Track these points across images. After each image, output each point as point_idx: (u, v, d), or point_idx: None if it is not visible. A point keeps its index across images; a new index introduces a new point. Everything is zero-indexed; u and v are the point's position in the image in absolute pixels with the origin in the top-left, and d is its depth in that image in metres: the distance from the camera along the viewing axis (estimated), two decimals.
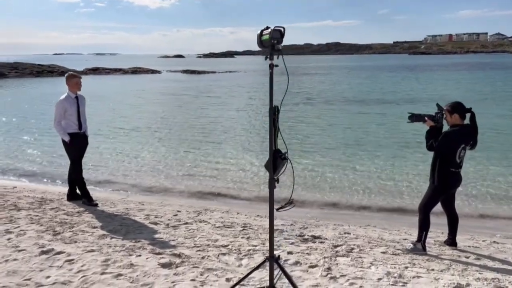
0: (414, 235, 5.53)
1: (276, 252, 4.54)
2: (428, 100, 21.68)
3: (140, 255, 4.38)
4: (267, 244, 4.85)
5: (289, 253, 4.56)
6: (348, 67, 73.94)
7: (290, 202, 3.48)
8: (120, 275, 3.87)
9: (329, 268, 4.12)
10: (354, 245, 4.93)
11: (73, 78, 6.48)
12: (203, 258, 4.35)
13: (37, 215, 5.81)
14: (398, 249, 4.79)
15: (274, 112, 3.14)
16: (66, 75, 6.62)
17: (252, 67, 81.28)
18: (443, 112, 4.58)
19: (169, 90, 31.77)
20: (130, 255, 4.39)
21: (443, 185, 4.55)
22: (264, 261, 3.44)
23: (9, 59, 61.81)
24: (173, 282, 3.75)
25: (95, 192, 7.76)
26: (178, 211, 6.43)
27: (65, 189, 7.92)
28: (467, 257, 4.59)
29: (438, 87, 30.55)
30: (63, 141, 6.46)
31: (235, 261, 4.28)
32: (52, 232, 5.06)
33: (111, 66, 61.48)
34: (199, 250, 4.56)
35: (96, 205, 6.57)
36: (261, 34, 3.07)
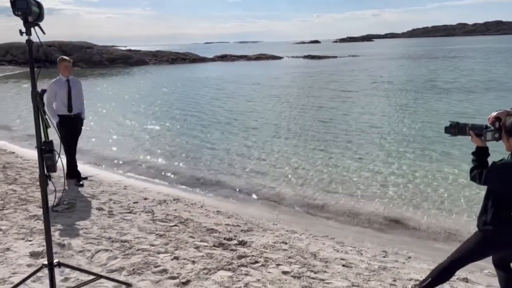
0: (379, 256, 4.46)
1: (162, 256, 4.10)
2: None
3: (30, 241, 4.35)
4: (171, 244, 4.42)
5: (175, 258, 4.02)
6: (498, 49, 63.41)
7: (69, 203, 3.03)
8: None
9: (185, 283, 3.50)
10: (267, 258, 4.13)
11: (62, 62, 6.74)
12: (80, 251, 4.11)
13: (14, 191, 6.26)
14: (313, 271, 3.85)
15: (35, 97, 2.70)
16: (58, 59, 6.94)
17: (382, 51, 76.42)
18: (498, 126, 2.79)
19: (250, 78, 29.96)
20: (23, 239, 4.39)
21: (498, 239, 2.88)
22: (40, 268, 3.04)
23: (165, 47, 68.78)
24: (14, 273, 3.60)
25: (98, 170, 8.11)
26: (145, 199, 6.26)
27: (91, 169, 8.52)
28: None
29: None
30: (56, 123, 6.82)
31: (106, 260, 3.93)
32: None
33: (237, 53, 63.89)
34: (90, 243, 4.33)
35: (82, 185, 6.81)
36: None
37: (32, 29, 2.65)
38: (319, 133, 11.32)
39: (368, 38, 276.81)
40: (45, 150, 2.70)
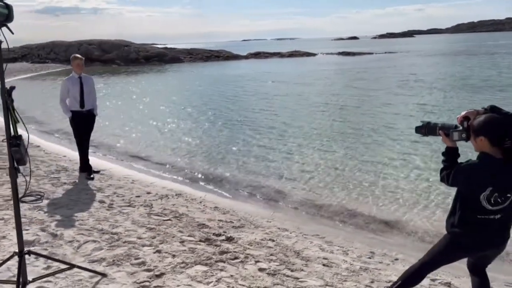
0: (364, 257, 4.39)
1: (146, 248, 4.21)
2: None
3: (27, 230, 4.56)
4: (158, 238, 4.53)
5: (158, 251, 4.13)
6: None
7: (37, 195, 3.16)
8: None
9: (159, 275, 3.59)
10: (248, 255, 4.17)
11: (75, 60, 7.02)
12: (70, 242, 4.29)
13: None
14: (291, 269, 3.85)
15: (4, 94, 2.85)
16: (71, 57, 7.23)
17: (421, 47, 74.07)
18: (466, 126, 2.71)
19: (275, 75, 29.69)
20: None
21: (465, 241, 2.79)
22: (11, 256, 3.20)
23: (203, 45, 69.72)
24: (1, 259, 3.81)
25: (111, 163, 8.38)
26: (148, 193, 6.43)
27: (105, 163, 8.84)
28: None
29: None
30: (69, 118, 7.13)
31: (91, 251, 4.09)
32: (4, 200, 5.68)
33: (270, 50, 63.75)
34: (82, 234, 4.50)
35: (92, 178, 7.09)
36: None
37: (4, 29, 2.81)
38: (324, 133, 11.18)
39: (409, 34, 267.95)
40: (12, 144, 2.84)
